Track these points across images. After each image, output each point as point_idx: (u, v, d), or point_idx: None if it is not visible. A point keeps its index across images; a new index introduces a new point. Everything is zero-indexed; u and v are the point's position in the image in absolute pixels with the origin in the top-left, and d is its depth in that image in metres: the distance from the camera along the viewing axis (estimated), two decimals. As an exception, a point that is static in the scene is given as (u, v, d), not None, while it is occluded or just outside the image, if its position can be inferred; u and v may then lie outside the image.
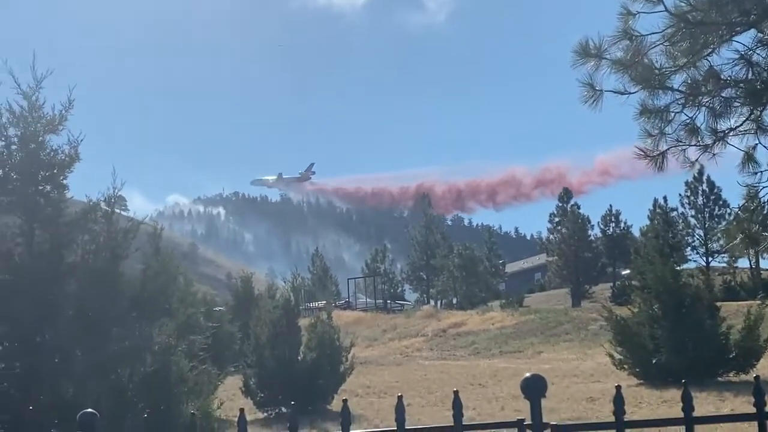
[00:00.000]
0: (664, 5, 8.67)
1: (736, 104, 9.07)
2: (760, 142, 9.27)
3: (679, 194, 71.18)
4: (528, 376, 3.69)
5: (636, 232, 78.07)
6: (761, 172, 9.48)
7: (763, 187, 9.60)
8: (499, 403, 20.32)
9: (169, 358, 10.15)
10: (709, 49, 8.81)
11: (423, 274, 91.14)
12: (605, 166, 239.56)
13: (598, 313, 33.82)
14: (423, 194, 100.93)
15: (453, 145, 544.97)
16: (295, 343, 22.28)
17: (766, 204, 10.23)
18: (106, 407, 9.31)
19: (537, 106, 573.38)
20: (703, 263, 69.29)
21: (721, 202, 69.74)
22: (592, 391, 21.81)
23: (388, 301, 75.63)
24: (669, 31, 8.75)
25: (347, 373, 22.76)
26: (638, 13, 8.89)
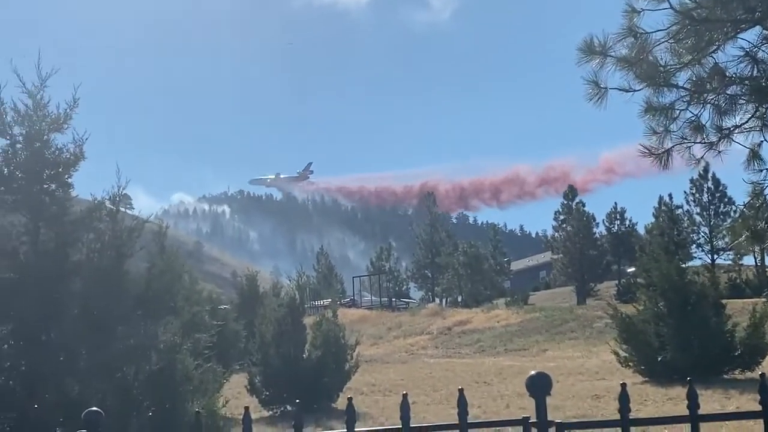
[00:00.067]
0: (669, 2, 8.65)
1: (742, 101, 9.04)
2: (765, 140, 9.23)
3: (685, 192, 71.14)
4: (533, 374, 3.69)
5: (641, 230, 77.88)
6: (767, 170, 9.46)
7: (769, 185, 9.58)
8: (504, 401, 20.32)
9: (175, 357, 10.15)
10: (714, 46, 8.78)
11: (428, 272, 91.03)
12: (610, 164, 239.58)
13: (604, 311, 33.81)
14: (427, 193, 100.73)
15: (457, 144, 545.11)
16: (300, 342, 22.30)
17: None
18: (112, 405, 9.33)
19: (541, 104, 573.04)
20: (709, 261, 69.16)
21: (726, 200, 69.60)
22: (597, 388, 21.80)
23: (393, 299, 75.64)
24: (674, 28, 8.72)
25: (352, 371, 22.77)
26: (643, 10, 8.87)
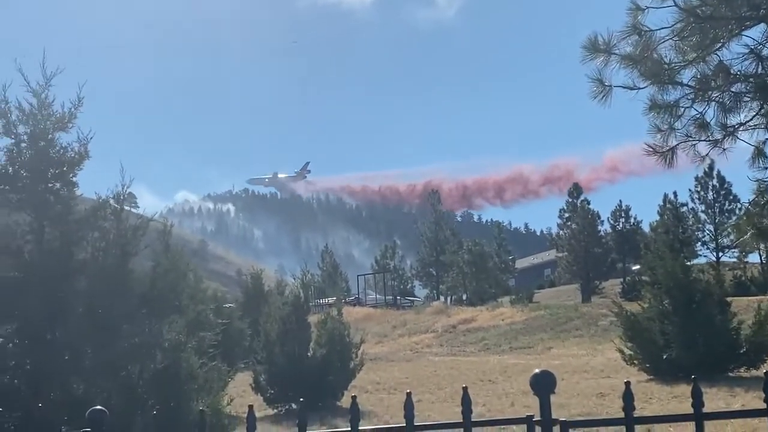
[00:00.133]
0: (674, 0, 8.65)
1: (746, 99, 9.04)
2: (770, 137, 9.24)
3: (689, 189, 71.03)
4: (537, 372, 3.68)
5: (646, 228, 77.83)
6: (771, 167, 9.45)
7: (773, 182, 9.57)
8: (509, 399, 20.31)
9: (179, 355, 10.15)
10: (719, 44, 8.78)
11: (432, 270, 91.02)
12: (614, 163, 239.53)
13: (608, 309, 33.75)
14: (431, 191, 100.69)
15: (460, 143, 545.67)
16: (304, 340, 22.30)
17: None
18: (116, 404, 9.33)
19: (545, 103, 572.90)
20: (714, 258, 69.04)
21: (731, 197, 69.43)
22: (602, 386, 21.77)
23: (398, 298, 75.64)
24: (678, 26, 8.72)
25: (357, 370, 22.77)
26: (647, 8, 8.87)
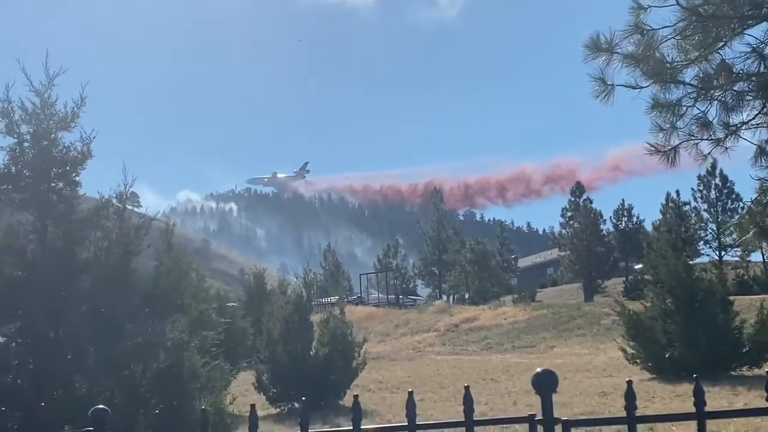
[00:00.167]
0: (676, -1, 8.65)
1: (749, 98, 9.03)
2: (772, 136, 9.23)
3: (692, 188, 71.00)
4: (539, 371, 3.68)
5: (648, 227, 77.86)
6: (774, 166, 9.44)
7: (776, 181, 9.56)
8: (512, 398, 20.30)
9: (182, 354, 10.16)
10: (721, 43, 8.77)
11: (435, 269, 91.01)
12: (616, 162, 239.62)
13: (611, 308, 33.70)
14: (434, 189, 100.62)
15: (462, 142, 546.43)
16: (307, 339, 22.30)
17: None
18: (119, 403, 9.35)
19: (547, 102, 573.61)
20: (716, 257, 68.96)
21: (734, 196, 69.37)
22: (605, 385, 21.77)
23: (401, 297, 75.67)
24: (680, 24, 8.72)
25: (360, 369, 22.76)
26: (649, 7, 8.87)
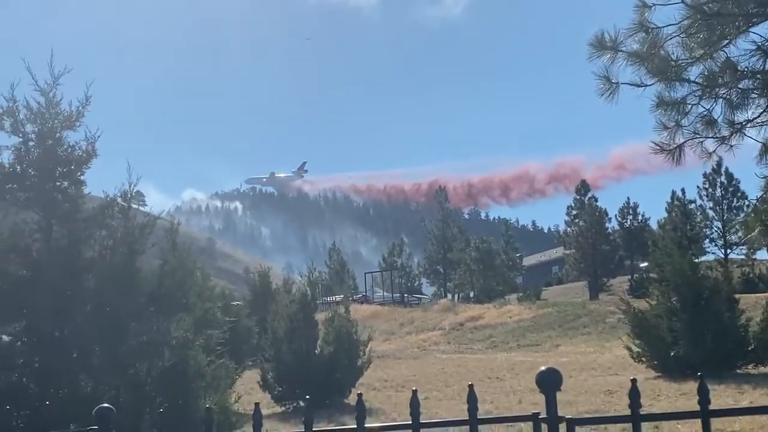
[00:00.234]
0: (680, -3, 8.63)
1: (754, 95, 9.01)
2: (777, 134, 9.21)
3: (697, 186, 70.93)
4: (543, 369, 3.67)
5: (654, 225, 77.77)
6: (779, 164, 9.42)
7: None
8: (517, 397, 20.29)
9: (187, 353, 10.18)
10: (726, 41, 8.76)
11: (440, 268, 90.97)
12: (620, 161, 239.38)
13: (616, 306, 33.68)
14: (439, 188, 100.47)
15: (465, 141, 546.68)
16: (312, 337, 22.30)
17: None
18: (125, 402, 9.38)
19: (550, 101, 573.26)
20: (722, 255, 68.86)
21: (739, 194, 69.31)
22: (610, 384, 21.73)
23: (405, 295, 75.53)
24: (685, 22, 8.70)
25: (365, 367, 22.76)
26: (654, 5, 8.85)
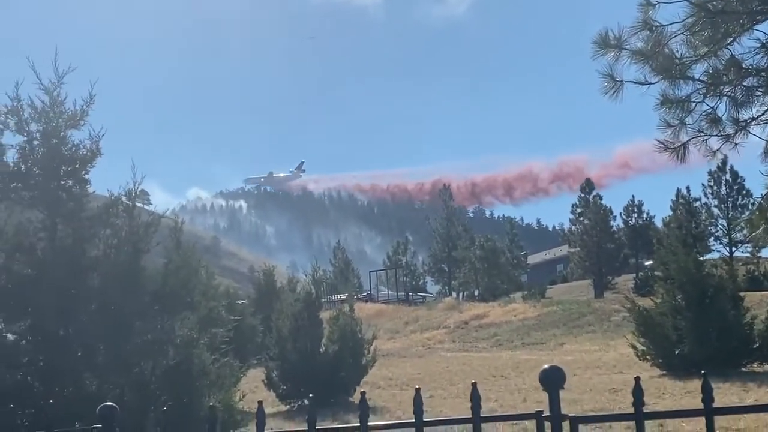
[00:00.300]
0: (685, -5, 8.62)
1: (758, 93, 9.00)
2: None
3: (702, 184, 70.81)
4: (546, 367, 3.67)
5: (659, 223, 77.67)
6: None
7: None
8: (522, 395, 20.29)
9: (191, 351, 10.18)
10: (731, 38, 8.74)
11: (445, 266, 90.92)
12: (625, 159, 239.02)
13: (621, 304, 33.67)
14: (443, 186, 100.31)
15: (468, 140, 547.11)
16: (316, 336, 22.32)
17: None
18: (129, 400, 9.38)
19: (554, 100, 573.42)
20: (727, 253, 68.77)
21: (744, 192, 69.20)
22: (615, 382, 21.73)
23: (410, 294, 75.60)
24: (690, 20, 8.69)
25: (369, 366, 22.78)
26: (658, 3, 8.84)
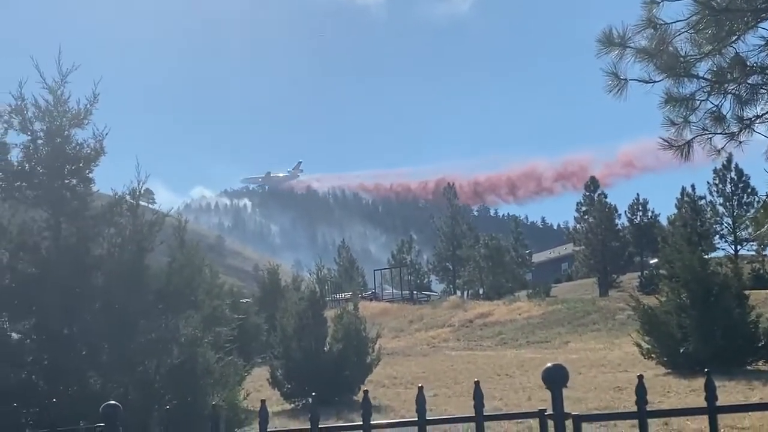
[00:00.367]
0: (689, -7, 8.60)
1: (763, 91, 8.98)
2: (787, 130, 9.17)
3: (707, 182, 70.73)
4: (549, 366, 3.66)
5: (663, 221, 77.59)
6: (789, 160, 9.39)
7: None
8: (526, 393, 20.29)
9: (196, 350, 10.18)
10: (735, 36, 8.72)
11: (449, 265, 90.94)
12: (629, 158, 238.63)
13: (626, 303, 33.65)
14: (447, 185, 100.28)
15: (471, 139, 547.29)
16: (321, 335, 22.31)
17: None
18: (133, 399, 9.39)
19: (558, 98, 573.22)
20: (732, 251, 68.70)
21: (749, 190, 69.10)
22: (620, 380, 21.72)
23: (415, 292, 75.53)
24: (694, 18, 8.67)
25: (374, 364, 22.76)
26: (662, 1, 8.82)
